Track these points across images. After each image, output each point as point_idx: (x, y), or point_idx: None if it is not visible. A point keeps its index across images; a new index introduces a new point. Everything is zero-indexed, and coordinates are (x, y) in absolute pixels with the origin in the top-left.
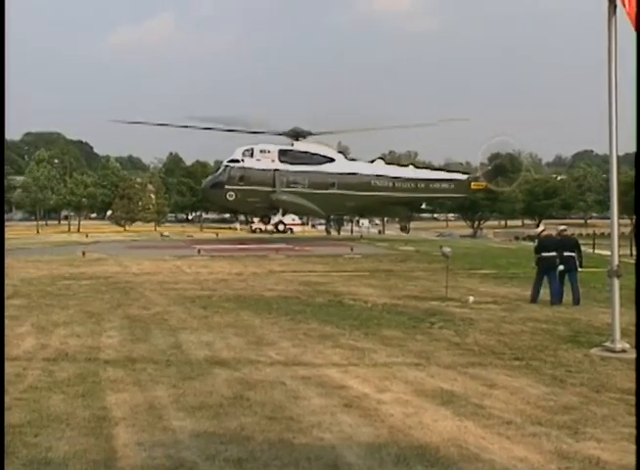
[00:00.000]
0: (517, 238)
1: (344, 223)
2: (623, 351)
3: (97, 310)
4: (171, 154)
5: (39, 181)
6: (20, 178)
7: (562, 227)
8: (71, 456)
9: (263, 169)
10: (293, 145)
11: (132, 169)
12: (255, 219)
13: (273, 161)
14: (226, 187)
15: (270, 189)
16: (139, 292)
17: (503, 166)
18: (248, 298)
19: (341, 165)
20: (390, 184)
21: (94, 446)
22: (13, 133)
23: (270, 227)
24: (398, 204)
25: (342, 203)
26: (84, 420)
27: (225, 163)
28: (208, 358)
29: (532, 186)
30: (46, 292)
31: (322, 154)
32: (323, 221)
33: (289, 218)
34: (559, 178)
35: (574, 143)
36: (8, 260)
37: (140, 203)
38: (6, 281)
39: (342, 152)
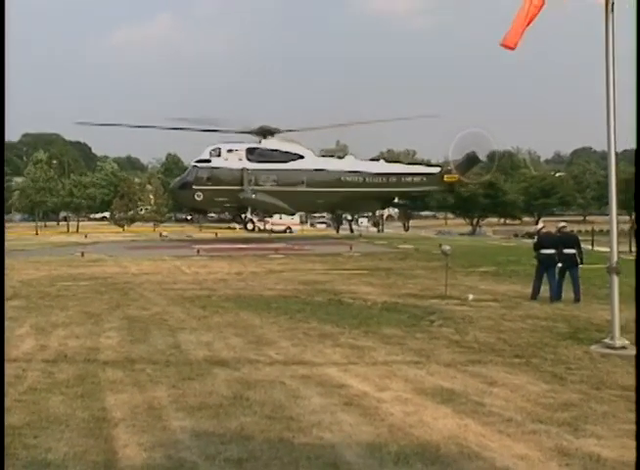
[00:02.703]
0: (516, 235)
1: (343, 222)
2: (623, 347)
3: (96, 311)
4: (170, 154)
5: (37, 183)
6: (18, 179)
7: (561, 224)
8: (71, 457)
9: (231, 169)
10: (260, 143)
11: (131, 170)
12: (255, 219)
13: (241, 159)
14: (194, 187)
15: (238, 188)
16: (138, 292)
17: (475, 158)
18: (247, 297)
19: (310, 162)
20: (361, 179)
21: (94, 448)
22: (11, 134)
23: (269, 227)
24: (369, 199)
25: (311, 200)
26: (84, 421)
27: (193, 163)
28: (208, 358)
29: (530, 183)
30: (45, 293)
31: (291, 151)
32: (322, 220)
33: (288, 218)
34: (557, 175)
35: (573, 140)
36: (7, 261)
37: (139, 203)
38: (5, 282)
39: (342, 151)
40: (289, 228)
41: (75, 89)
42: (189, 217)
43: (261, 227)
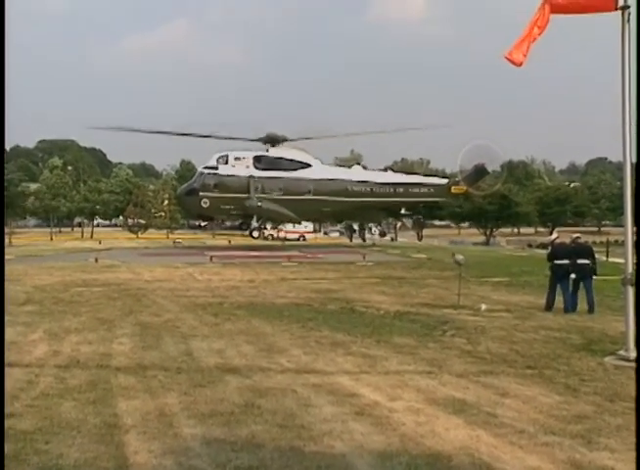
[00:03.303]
0: (530, 245)
1: (356, 231)
2: (636, 360)
3: (109, 317)
4: (184, 161)
5: (52, 188)
6: (34, 185)
7: (575, 235)
8: (82, 463)
9: (238, 176)
10: (268, 151)
11: (145, 176)
12: (268, 226)
13: (248, 167)
14: (200, 194)
15: (245, 196)
16: (151, 299)
17: (483, 170)
18: (259, 305)
19: (317, 171)
20: (368, 189)
21: (104, 454)
22: (27, 140)
23: (282, 235)
24: (376, 209)
25: (318, 208)
26: (95, 427)
27: (200, 169)
28: (220, 366)
29: (545, 193)
30: (59, 298)
31: (298, 160)
32: (336, 228)
33: (301, 226)
34: (572, 185)
35: (588, 150)
36: (22, 267)
37: (153, 210)
38: (19, 288)
39: (356, 159)
40: (302, 236)
41: (90, 96)
42: (202, 224)
43: (274, 235)
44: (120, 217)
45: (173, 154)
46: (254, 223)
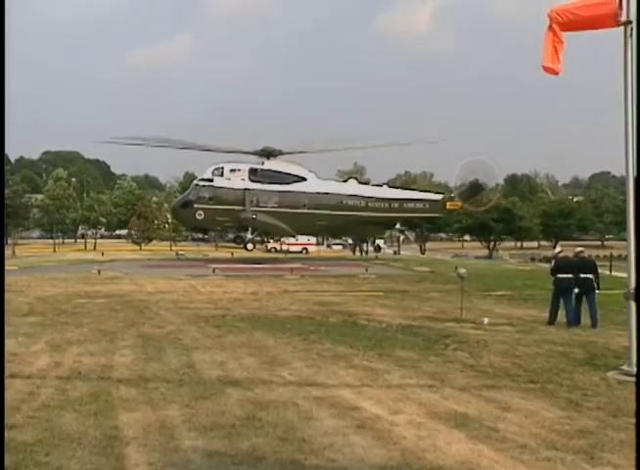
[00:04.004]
0: (533, 259)
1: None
2: (638, 374)
3: (111, 329)
4: (187, 173)
5: (56, 200)
6: (38, 197)
7: (579, 249)
8: None
9: (233, 188)
10: (264, 164)
11: (149, 188)
12: (271, 239)
13: (243, 179)
14: (195, 206)
15: (240, 208)
16: (153, 311)
17: (478, 186)
18: (262, 317)
19: (312, 185)
20: (363, 203)
21: (105, 466)
22: (32, 152)
23: (285, 247)
24: (371, 223)
25: (312, 222)
26: (96, 439)
27: (195, 182)
28: (221, 378)
29: (548, 207)
30: (61, 310)
31: (293, 173)
32: (338, 241)
33: (304, 239)
34: (575, 200)
35: (592, 164)
36: (24, 278)
37: (156, 222)
38: (22, 299)
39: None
40: (305, 249)
41: (95, 108)
42: (206, 237)
43: (277, 248)
44: (124, 230)
45: (177, 166)
46: (249, 236)
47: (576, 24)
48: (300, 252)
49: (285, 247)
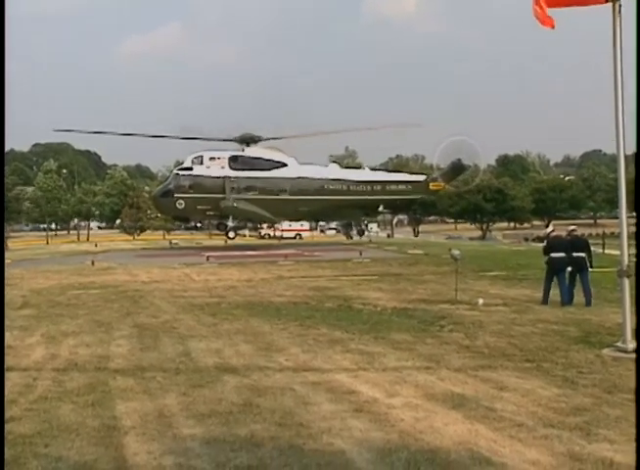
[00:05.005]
0: (526, 239)
1: (353, 228)
2: (635, 351)
3: (106, 319)
4: (178, 162)
5: (48, 192)
6: (29, 189)
7: (571, 227)
8: (81, 466)
9: (213, 177)
10: (243, 151)
11: (140, 178)
12: (264, 225)
13: (223, 167)
14: (175, 195)
15: (220, 196)
16: (148, 300)
17: (460, 166)
18: (257, 304)
19: (293, 170)
20: (345, 187)
21: (104, 456)
22: (22, 144)
23: (279, 233)
24: (353, 207)
25: (294, 208)
26: (94, 430)
27: (175, 171)
28: (218, 366)
29: (539, 185)
30: (55, 302)
31: (273, 159)
32: (332, 226)
33: (297, 224)
34: (567, 179)
35: (583, 143)
36: (18, 271)
37: (149, 211)
38: (16, 292)
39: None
40: (298, 234)
41: (84, 99)
42: (199, 225)
43: (271, 234)
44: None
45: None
46: (230, 224)
47: (565, 0)
48: (294, 237)
49: (278, 233)
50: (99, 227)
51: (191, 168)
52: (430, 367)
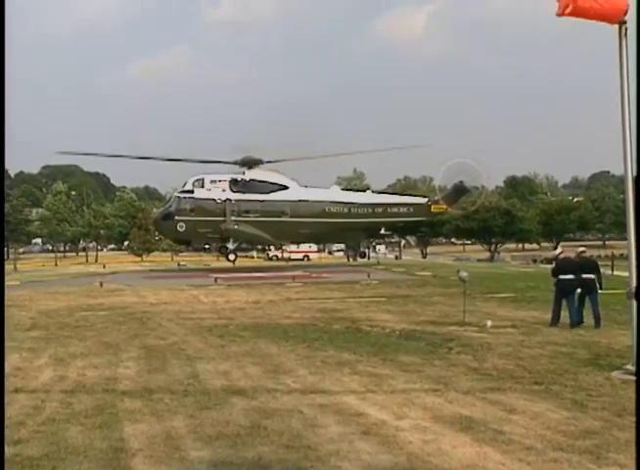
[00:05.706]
0: (534, 261)
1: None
2: (637, 372)
3: (114, 341)
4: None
5: (57, 214)
6: (39, 211)
7: (580, 249)
8: None
9: (214, 199)
10: (244, 174)
11: (149, 200)
12: (272, 247)
13: (224, 190)
14: (176, 218)
15: (221, 219)
16: (156, 322)
17: (462, 188)
18: (265, 326)
19: (293, 193)
20: (346, 210)
21: None
22: (31, 166)
23: (287, 255)
24: (355, 230)
25: (295, 230)
26: (102, 452)
27: (176, 193)
28: (226, 388)
29: (548, 206)
30: (64, 323)
31: (274, 182)
32: (340, 247)
33: (305, 246)
34: (575, 200)
35: (591, 164)
36: (27, 292)
37: (157, 233)
38: (25, 313)
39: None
40: (306, 256)
41: (93, 121)
42: (207, 247)
43: (279, 256)
44: (125, 242)
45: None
46: (230, 246)
47: (584, 12)
48: (302, 259)
49: (286, 254)
50: (103, 249)
51: (192, 191)
52: (438, 389)
